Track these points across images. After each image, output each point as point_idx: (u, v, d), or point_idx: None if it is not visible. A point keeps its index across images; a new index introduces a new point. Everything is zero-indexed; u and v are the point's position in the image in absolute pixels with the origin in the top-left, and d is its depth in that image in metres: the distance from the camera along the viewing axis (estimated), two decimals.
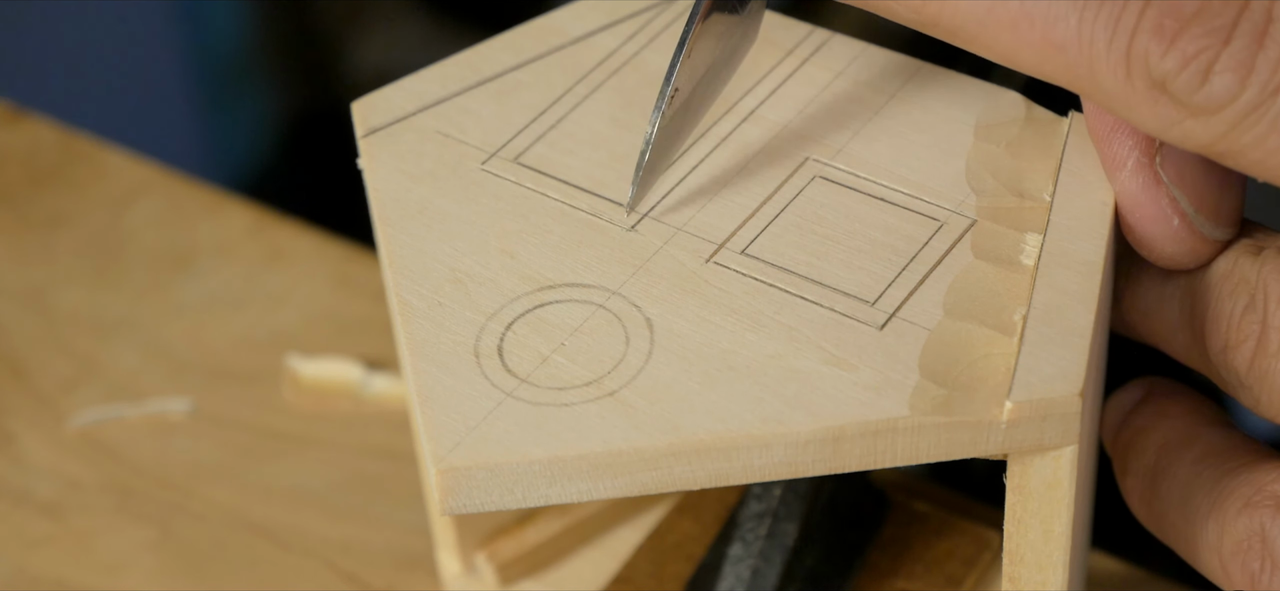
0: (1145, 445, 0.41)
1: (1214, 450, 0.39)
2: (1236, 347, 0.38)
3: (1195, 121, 0.34)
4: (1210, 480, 0.39)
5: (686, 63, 0.39)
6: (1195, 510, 0.39)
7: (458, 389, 0.36)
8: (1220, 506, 0.38)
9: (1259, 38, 0.34)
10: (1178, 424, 0.41)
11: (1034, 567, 0.38)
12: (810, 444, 0.35)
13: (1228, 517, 0.38)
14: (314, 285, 0.62)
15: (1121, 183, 0.38)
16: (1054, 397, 0.35)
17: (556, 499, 0.35)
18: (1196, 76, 0.34)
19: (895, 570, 0.47)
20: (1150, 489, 0.40)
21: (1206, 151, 0.35)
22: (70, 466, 0.56)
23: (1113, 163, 0.39)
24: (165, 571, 0.53)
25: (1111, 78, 0.35)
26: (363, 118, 0.42)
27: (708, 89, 0.40)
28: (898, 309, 0.37)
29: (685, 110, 0.40)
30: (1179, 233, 0.38)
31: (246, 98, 1.27)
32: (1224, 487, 0.38)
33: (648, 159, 0.39)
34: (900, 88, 0.42)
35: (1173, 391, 0.41)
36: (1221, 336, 0.38)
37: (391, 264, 0.39)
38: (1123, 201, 0.39)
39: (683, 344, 0.37)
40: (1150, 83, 0.34)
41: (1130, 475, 0.41)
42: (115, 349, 0.60)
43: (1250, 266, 0.38)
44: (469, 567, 0.50)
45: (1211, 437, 0.40)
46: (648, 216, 0.40)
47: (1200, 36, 0.34)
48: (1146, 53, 0.34)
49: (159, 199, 0.65)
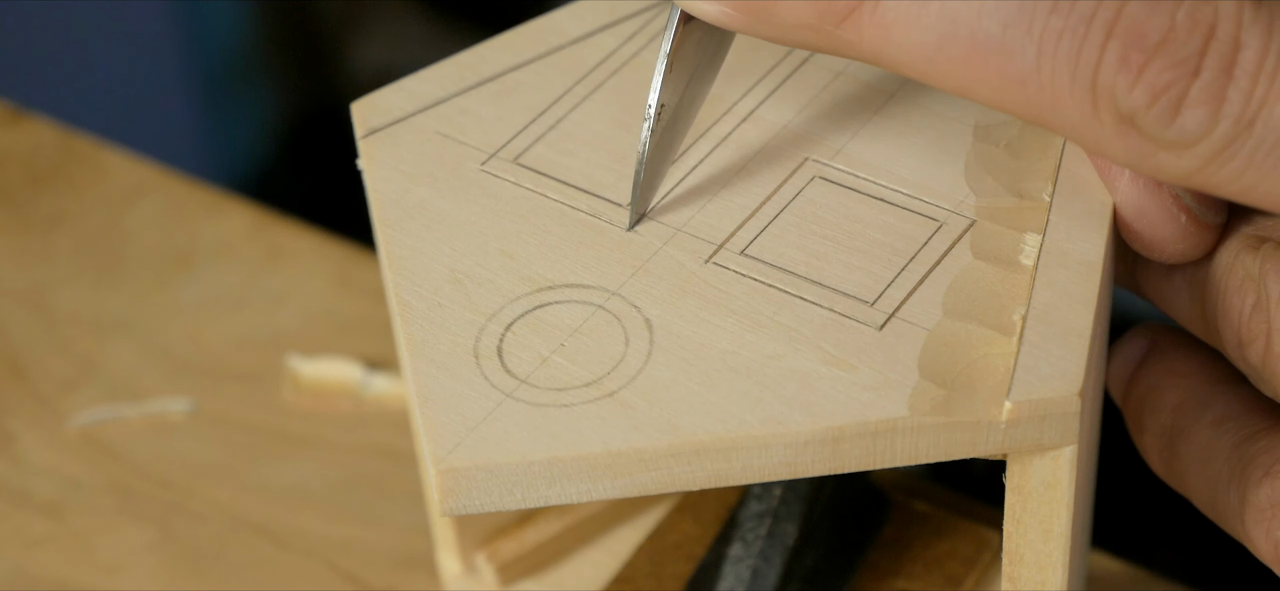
0: (1160, 405, 0.40)
1: (1232, 412, 0.39)
2: (1249, 345, 0.37)
3: (1168, 154, 0.33)
4: (1230, 445, 0.38)
5: (669, 78, 0.38)
6: (1216, 474, 0.39)
7: (457, 389, 0.36)
8: (1241, 473, 0.38)
9: (1228, 68, 0.32)
10: (1192, 383, 0.40)
11: (1033, 567, 0.38)
12: (810, 444, 0.35)
13: (1249, 485, 0.38)
14: (314, 285, 0.62)
15: (1123, 191, 0.38)
16: (1053, 397, 0.35)
17: (556, 499, 0.35)
18: (1167, 111, 0.33)
19: (895, 570, 0.47)
20: (1169, 449, 0.40)
21: (1181, 183, 0.34)
22: (70, 466, 0.56)
23: (1110, 172, 0.38)
24: (165, 571, 0.53)
25: (1077, 113, 0.33)
26: (362, 118, 0.42)
27: (693, 97, 0.40)
28: (897, 309, 0.37)
29: (673, 121, 0.39)
30: (1187, 229, 0.38)
31: (246, 98, 1.27)
32: (1244, 454, 0.38)
33: (642, 177, 0.39)
34: (899, 88, 0.42)
35: (1178, 343, 0.41)
36: (1234, 333, 0.38)
37: (391, 264, 0.39)
38: (1127, 210, 0.38)
39: (682, 344, 0.37)
40: (1118, 118, 0.33)
41: (1147, 433, 0.41)
42: (115, 349, 0.60)
43: (1252, 261, 0.37)
44: (469, 568, 0.50)
45: (1229, 398, 0.39)
46: (647, 217, 0.40)
47: (1168, 69, 0.33)
48: (1113, 87, 0.33)
49: (159, 199, 0.65)
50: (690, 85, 0.39)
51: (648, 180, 0.39)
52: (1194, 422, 0.39)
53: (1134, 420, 0.41)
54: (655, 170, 0.39)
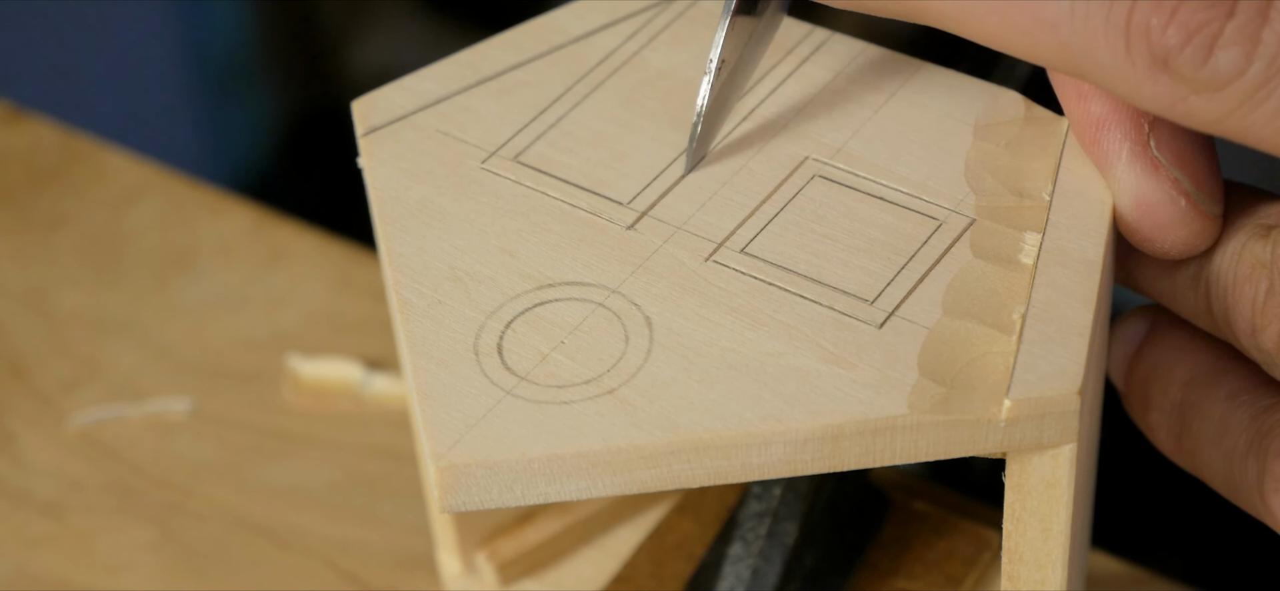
0: (1170, 380, 0.40)
1: (1247, 386, 0.39)
2: (1263, 330, 0.37)
3: (1200, 98, 0.33)
4: (1247, 417, 0.38)
5: (730, 35, 0.39)
6: (1232, 447, 0.39)
7: (457, 386, 0.36)
8: (1259, 443, 0.38)
9: (1263, 9, 0.33)
10: (1203, 358, 0.40)
11: (1033, 566, 0.38)
12: (809, 442, 0.35)
13: (1270, 455, 0.38)
14: (314, 285, 0.62)
15: (1120, 177, 0.38)
16: (1053, 396, 0.35)
17: (556, 496, 0.35)
18: (1200, 51, 0.33)
19: (895, 570, 0.47)
20: (1179, 424, 0.40)
21: (1212, 129, 0.34)
22: (70, 466, 0.56)
23: (1107, 159, 0.38)
24: (165, 571, 0.53)
25: (1110, 56, 0.34)
26: (363, 116, 0.42)
27: (751, 55, 0.41)
28: (897, 307, 0.37)
29: (732, 77, 0.40)
30: (1187, 214, 0.37)
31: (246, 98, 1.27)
32: (1263, 425, 0.38)
33: (700, 130, 0.40)
34: (900, 87, 0.42)
35: (1181, 323, 0.41)
36: (1246, 321, 0.37)
37: (391, 262, 0.39)
38: (1125, 198, 0.38)
39: (682, 342, 0.37)
40: (1151, 59, 0.33)
41: (1155, 410, 0.41)
42: (115, 349, 0.60)
43: (1262, 248, 0.37)
44: (469, 567, 0.50)
45: (1242, 373, 0.39)
46: (647, 215, 0.40)
47: (1202, 9, 0.33)
48: (1147, 27, 0.33)
49: (159, 199, 0.65)
50: (748, 43, 0.40)
51: (705, 132, 0.40)
52: (1208, 396, 0.39)
53: (1139, 398, 0.41)
54: (712, 124, 0.40)
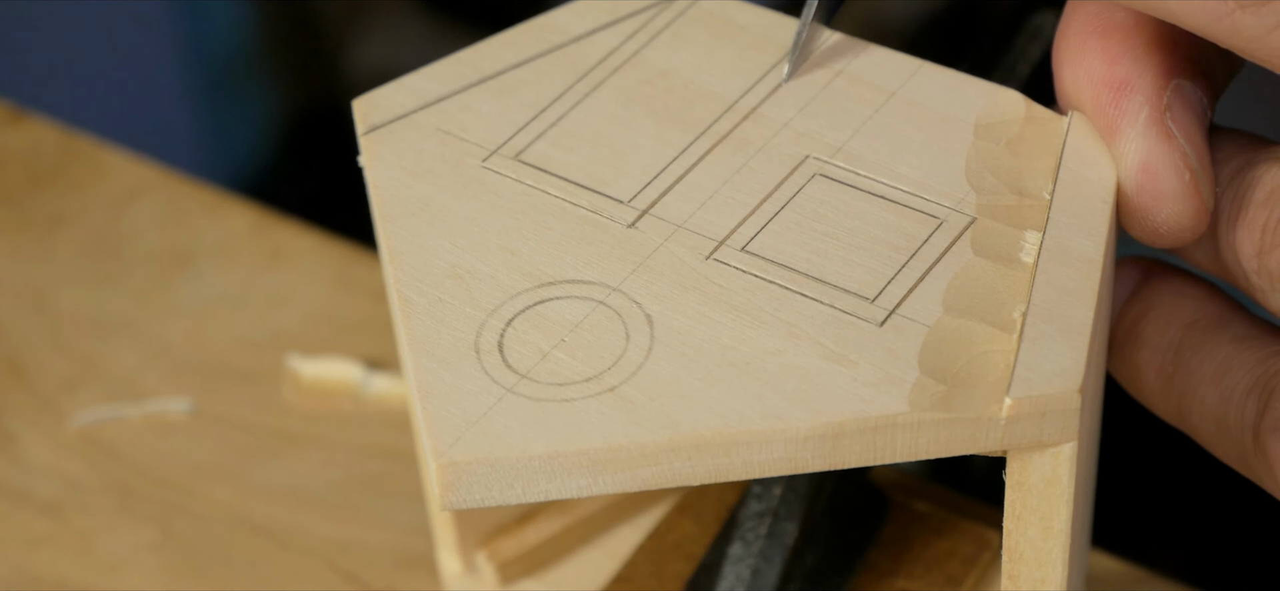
0: (1169, 320, 0.40)
1: (1255, 333, 0.39)
2: (1270, 251, 0.37)
3: (1246, 13, 0.33)
4: (1254, 359, 0.38)
5: None
6: (1233, 385, 0.39)
7: (458, 384, 0.36)
8: (1265, 384, 0.38)
9: None
10: (1207, 304, 0.40)
11: (1033, 564, 0.38)
12: (810, 440, 0.35)
13: (1273, 396, 0.38)
14: (314, 285, 0.62)
15: (1132, 140, 0.38)
16: (1053, 394, 0.35)
17: (556, 494, 0.35)
18: None
19: (895, 570, 0.47)
20: (1173, 363, 0.40)
21: (1252, 48, 0.34)
22: (70, 466, 0.56)
23: (1123, 120, 0.38)
24: (165, 571, 0.53)
25: None
26: (363, 115, 0.42)
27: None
28: (897, 306, 0.37)
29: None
30: (1188, 189, 0.38)
31: (246, 98, 1.28)
32: (1270, 368, 0.38)
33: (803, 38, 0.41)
34: (900, 86, 0.42)
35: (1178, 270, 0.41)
36: (1254, 243, 0.38)
37: (392, 260, 0.39)
38: (1132, 160, 0.38)
39: (683, 340, 0.37)
40: None
41: (1146, 348, 0.41)
42: (115, 349, 0.60)
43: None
44: (469, 567, 0.50)
45: (1248, 319, 0.39)
46: (648, 213, 0.40)
47: None
48: None
49: (159, 199, 0.65)
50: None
51: (807, 41, 0.42)
52: (1212, 338, 0.39)
53: (1130, 337, 0.41)
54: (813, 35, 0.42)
